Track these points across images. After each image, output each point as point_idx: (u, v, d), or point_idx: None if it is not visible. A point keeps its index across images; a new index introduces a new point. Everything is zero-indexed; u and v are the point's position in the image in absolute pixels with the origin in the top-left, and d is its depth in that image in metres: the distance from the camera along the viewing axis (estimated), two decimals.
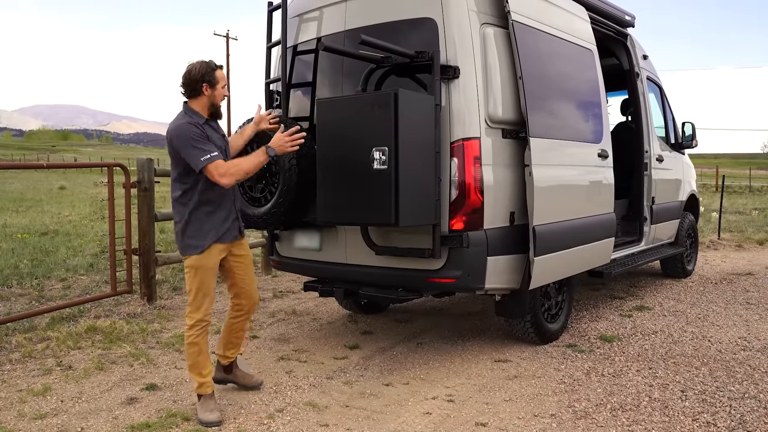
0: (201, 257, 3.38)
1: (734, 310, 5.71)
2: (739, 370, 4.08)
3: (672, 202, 7.02)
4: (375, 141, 3.63)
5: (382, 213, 3.66)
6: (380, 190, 3.62)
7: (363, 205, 3.74)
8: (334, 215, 3.91)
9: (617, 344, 4.68)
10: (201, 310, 3.42)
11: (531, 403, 3.59)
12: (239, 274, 3.61)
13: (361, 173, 3.68)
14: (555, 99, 4.74)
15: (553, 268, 4.46)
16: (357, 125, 3.74)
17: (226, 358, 3.78)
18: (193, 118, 3.33)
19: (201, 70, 3.33)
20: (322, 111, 3.89)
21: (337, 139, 3.83)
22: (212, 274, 3.44)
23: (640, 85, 6.52)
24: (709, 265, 8.35)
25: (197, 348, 3.42)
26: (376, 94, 3.99)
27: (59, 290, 6.41)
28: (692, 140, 7.43)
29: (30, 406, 3.54)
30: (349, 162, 3.75)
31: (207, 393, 3.43)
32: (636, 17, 6.68)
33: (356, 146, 3.72)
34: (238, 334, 3.77)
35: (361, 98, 3.88)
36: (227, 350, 3.77)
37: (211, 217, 3.39)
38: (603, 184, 5.22)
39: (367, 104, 3.74)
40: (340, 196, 3.81)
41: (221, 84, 3.39)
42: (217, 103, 3.42)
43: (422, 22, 4.05)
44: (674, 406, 3.51)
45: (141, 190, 5.80)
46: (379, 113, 3.63)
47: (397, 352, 4.56)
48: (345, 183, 3.79)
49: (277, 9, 4.62)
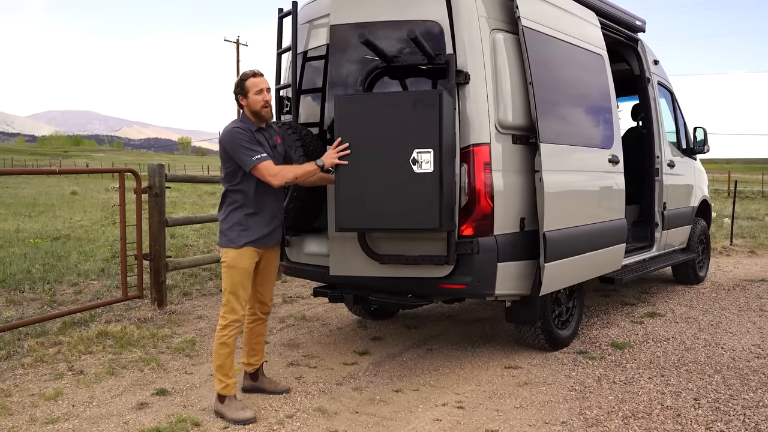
0: (236, 257, 3.44)
1: (747, 317, 5.65)
2: (753, 377, 4.03)
3: (683, 207, 6.97)
4: (417, 142, 3.53)
5: (426, 218, 3.56)
6: (423, 194, 3.52)
7: (401, 210, 3.58)
8: (363, 221, 3.67)
9: (629, 351, 4.64)
10: (235, 310, 3.48)
11: (542, 410, 3.57)
12: (260, 280, 3.67)
13: (400, 176, 3.54)
14: (565, 104, 4.73)
15: (563, 274, 4.44)
16: (394, 125, 3.57)
17: (251, 366, 3.82)
18: (244, 124, 3.46)
19: (236, 82, 3.49)
20: (346, 108, 3.67)
21: (366, 139, 3.60)
22: (247, 275, 3.50)
23: (651, 91, 6.49)
24: (722, 271, 8.27)
25: (228, 350, 3.48)
26: (420, 92, 3.86)
27: (71, 295, 6.45)
28: (704, 146, 7.38)
29: (42, 410, 3.56)
30: (383, 164, 3.57)
31: (231, 394, 3.49)
32: (647, 22, 6.66)
33: (393, 147, 3.56)
34: (257, 339, 3.80)
35: (400, 96, 3.77)
36: (251, 357, 3.81)
37: (251, 219, 3.46)
38: (614, 190, 5.19)
39: (409, 103, 3.59)
40: (370, 200, 3.59)
41: (254, 91, 3.43)
42: (256, 110, 3.45)
43: (428, 24, 4.03)
44: (687, 414, 3.47)
45: (152, 195, 5.83)
46: (423, 113, 3.53)
47: (407, 358, 4.55)
48: (377, 187, 3.58)
49: (287, 15, 4.65)
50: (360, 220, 3.66)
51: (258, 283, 3.67)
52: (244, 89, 3.45)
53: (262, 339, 3.85)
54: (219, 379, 3.48)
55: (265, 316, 3.82)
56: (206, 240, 10.31)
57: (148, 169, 5.89)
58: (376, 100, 3.81)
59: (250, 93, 3.44)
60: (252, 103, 3.45)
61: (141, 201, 5.87)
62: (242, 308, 3.51)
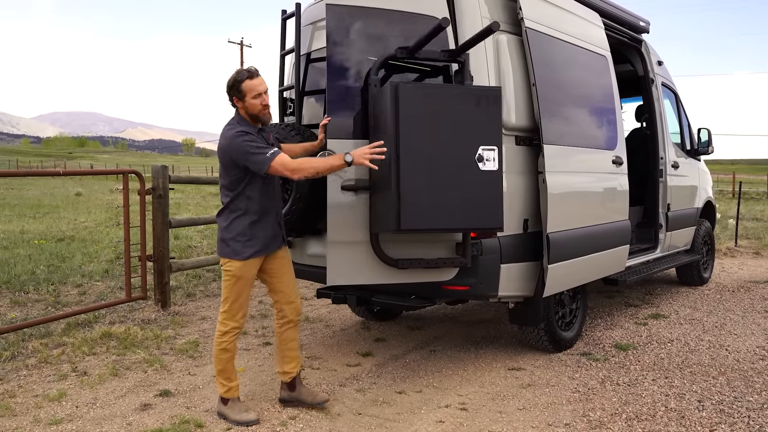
0: (241, 267, 3.36)
1: (752, 319, 5.63)
2: (758, 380, 4.02)
3: (688, 208, 6.95)
4: (482, 139, 3.46)
5: (489, 218, 3.49)
6: (487, 193, 3.46)
7: (465, 209, 3.44)
8: (427, 221, 3.41)
9: (632, 353, 4.63)
10: (236, 318, 3.43)
11: (545, 412, 3.56)
12: (275, 281, 3.55)
13: (465, 174, 3.42)
14: (569, 106, 4.72)
15: (567, 275, 4.43)
16: (459, 119, 3.44)
17: (287, 374, 3.62)
18: (244, 127, 3.31)
19: (229, 82, 3.32)
20: (411, 98, 3.39)
21: (430, 133, 3.40)
22: (250, 284, 3.46)
23: (655, 92, 6.47)
24: (726, 272, 8.24)
25: (229, 354, 3.45)
26: (482, 88, 3.73)
27: (75, 296, 6.47)
28: (708, 147, 7.36)
29: (46, 411, 3.57)
30: (447, 160, 3.41)
31: (234, 397, 3.48)
32: (651, 23, 6.64)
33: (457, 143, 3.43)
34: (290, 345, 3.61)
35: (464, 89, 3.61)
36: (285, 365, 3.62)
37: (256, 227, 3.37)
38: (617, 191, 5.18)
39: (473, 97, 3.49)
40: (434, 199, 3.39)
41: (251, 94, 3.26)
42: (253, 113, 3.30)
43: (433, 22, 3.98)
44: (691, 416, 3.46)
45: (156, 197, 5.84)
46: (486, 109, 3.46)
47: (410, 360, 4.55)
48: (442, 184, 3.40)
49: (291, 17, 4.66)
50: (424, 219, 3.40)
51: (275, 285, 3.54)
52: (240, 92, 3.27)
53: (295, 345, 3.64)
54: (221, 383, 3.48)
55: (296, 319, 3.61)
56: (210, 241, 10.32)
57: (152, 171, 5.91)
58: (441, 92, 3.55)
59: (247, 97, 3.27)
60: (250, 107, 3.29)
61: (145, 202, 5.88)
62: (242, 317, 3.47)
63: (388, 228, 3.47)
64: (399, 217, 3.30)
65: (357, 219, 3.66)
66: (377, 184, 3.59)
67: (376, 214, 3.61)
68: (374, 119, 3.67)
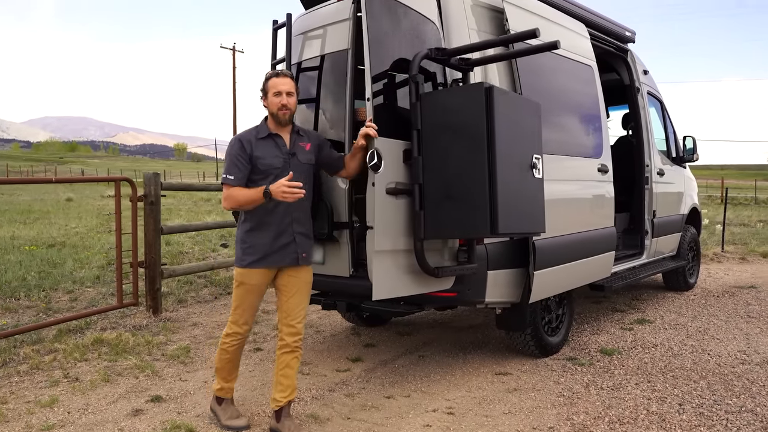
0: (242, 274, 3.36)
1: (735, 324, 5.74)
2: (738, 383, 4.11)
3: (673, 215, 7.07)
4: (533, 148, 3.57)
5: (538, 223, 3.62)
6: (535, 199, 3.58)
7: (526, 214, 3.53)
8: (513, 226, 3.45)
9: (617, 357, 4.72)
10: (238, 323, 3.43)
11: (530, 415, 3.63)
12: (283, 299, 3.43)
13: (525, 181, 3.51)
14: (555, 115, 4.82)
15: (553, 281, 4.51)
16: (522, 128, 3.54)
17: (274, 402, 3.41)
18: (250, 133, 3.33)
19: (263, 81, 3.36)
20: (502, 104, 3.35)
21: (513, 139, 3.42)
22: (254, 291, 3.38)
23: (641, 100, 6.60)
24: (712, 277, 8.37)
25: (228, 356, 3.48)
26: (532, 101, 3.81)
27: (66, 302, 6.49)
28: (693, 154, 7.49)
29: (38, 417, 3.60)
30: (518, 167, 3.48)
31: (227, 398, 3.53)
32: (636, 33, 6.77)
33: (522, 151, 3.52)
34: (283, 371, 3.39)
35: (527, 100, 3.68)
36: (275, 392, 3.42)
37: (255, 235, 3.32)
38: (603, 198, 5.28)
39: (530, 108, 3.59)
40: (513, 204, 3.42)
41: (272, 92, 3.29)
42: (272, 111, 3.30)
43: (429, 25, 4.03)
44: (671, 419, 3.54)
45: (147, 203, 5.89)
46: (533, 119, 3.58)
47: (399, 365, 4.61)
48: (515, 190, 3.43)
49: (282, 27, 4.73)
50: (513, 223, 3.42)
51: (281, 303, 3.43)
52: (265, 89, 3.33)
53: (291, 373, 3.39)
54: (217, 380, 3.55)
55: (291, 343, 3.38)
56: (201, 247, 10.35)
57: (144, 178, 5.96)
58: (518, 100, 3.62)
59: (269, 94, 3.30)
60: (269, 104, 3.30)
61: (137, 209, 5.92)
62: (245, 324, 3.43)
63: (476, 233, 3.47)
64: (495, 221, 3.27)
65: (400, 226, 3.49)
66: (448, 188, 3.43)
67: (445, 219, 3.43)
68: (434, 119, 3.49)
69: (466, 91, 3.59)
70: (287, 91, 3.30)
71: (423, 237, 3.48)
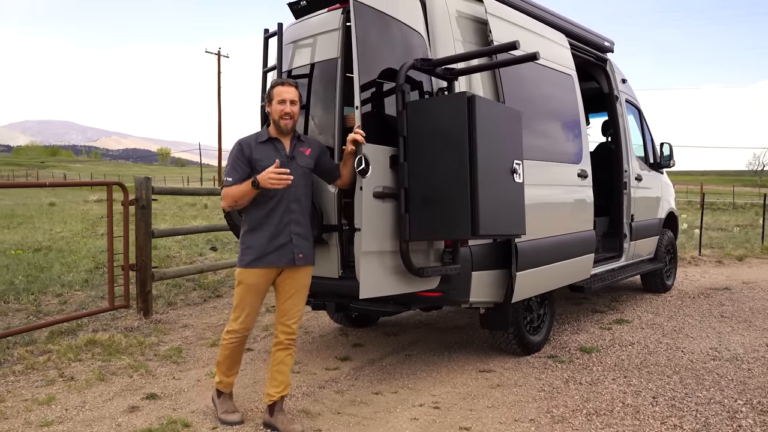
0: (242, 273, 3.45)
1: (708, 323, 5.97)
2: (708, 377, 4.33)
3: (651, 219, 7.31)
4: (514, 154, 3.77)
5: (518, 225, 3.82)
6: (516, 203, 3.78)
7: (507, 218, 3.73)
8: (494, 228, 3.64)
9: (596, 355, 4.91)
10: (238, 321, 3.50)
11: (512, 409, 3.81)
12: (280, 299, 3.54)
13: (506, 185, 3.71)
14: (536, 123, 5.01)
15: (534, 282, 4.70)
16: (502, 135, 3.73)
17: (268, 396, 3.55)
18: (255, 135, 3.47)
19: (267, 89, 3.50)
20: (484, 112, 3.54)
21: (493, 145, 3.60)
22: (254, 291, 3.46)
23: (619, 108, 6.83)
24: (689, 280, 8.63)
25: (227, 352, 3.57)
26: (513, 109, 4.02)
27: (56, 305, 6.55)
28: (670, 160, 7.74)
29: (36, 414, 3.70)
30: (498, 172, 3.66)
31: (225, 391, 3.65)
32: (615, 43, 7.01)
33: (503, 156, 3.70)
34: (278, 367, 3.53)
35: (508, 109, 3.91)
36: (269, 387, 3.55)
37: (253, 236, 3.42)
38: (583, 203, 5.48)
39: (511, 115, 3.81)
40: (494, 207, 3.60)
41: (276, 100, 3.39)
42: (274, 118, 3.41)
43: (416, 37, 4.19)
44: (645, 411, 3.74)
45: (139, 207, 5.99)
46: (514, 126, 3.78)
47: (387, 363, 4.77)
48: (496, 194, 3.62)
49: (273, 36, 4.88)
50: (493, 225, 3.61)
51: (278, 302, 3.56)
52: (270, 96, 3.43)
53: (285, 369, 3.53)
54: (217, 373, 3.66)
55: (287, 342, 3.53)
56: (188, 251, 10.42)
57: (135, 182, 6.06)
58: (499, 109, 3.87)
59: (273, 101, 3.41)
60: (273, 111, 3.41)
61: (128, 213, 6.02)
62: (244, 323, 3.50)
63: (458, 235, 3.64)
64: (476, 223, 3.44)
65: (387, 228, 3.64)
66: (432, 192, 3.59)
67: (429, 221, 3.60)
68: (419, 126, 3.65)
69: (449, 100, 3.77)
70: (291, 99, 3.41)
71: (408, 238, 3.65)
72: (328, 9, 4.58)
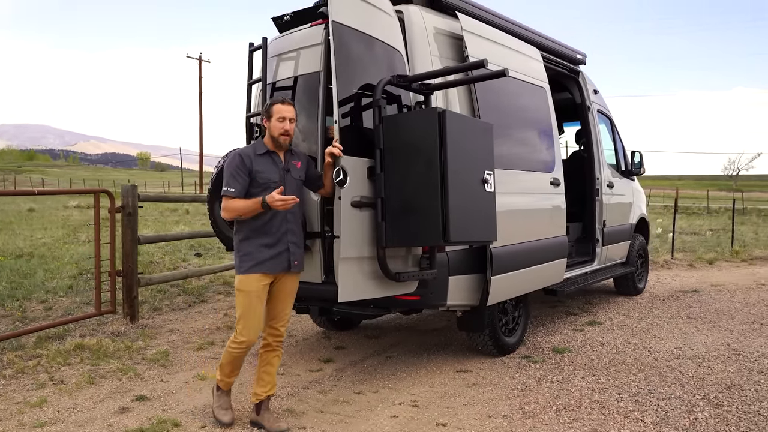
0: (242, 281, 3.54)
1: (675, 324, 6.25)
2: (671, 375, 4.59)
3: (623, 224, 7.59)
4: (485, 164, 4.01)
5: (490, 233, 4.06)
6: (489, 211, 4.02)
7: (478, 225, 3.96)
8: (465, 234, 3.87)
9: (567, 355, 5.16)
10: (244, 332, 3.56)
11: (486, 406, 4.02)
12: (272, 303, 3.66)
13: (477, 194, 3.93)
14: (511, 133, 5.25)
15: (508, 286, 4.92)
16: (473, 146, 3.95)
17: (255, 395, 3.72)
18: (248, 149, 3.59)
19: (265, 105, 3.63)
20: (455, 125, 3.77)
21: (464, 156, 3.82)
22: (256, 298, 3.54)
23: (591, 118, 7.11)
24: (661, 283, 8.94)
25: (232, 357, 3.67)
26: (485, 122, 4.28)
27: (41, 311, 6.63)
28: (640, 167, 8.05)
29: (29, 416, 3.83)
30: (469, 182, 3.89)
31: (225, 389, 3.78)
32: (587, 55, 7.30)
33: (474, 167, 3.93)
34: (266, 368, 3.70)
35: (479, 122, 4.19)
36: (256, 387, 3.72)
37: (250, 244, 3.53)
38: (555, 209, 5.73)
39: (481, 128, 4.07)
40: (464, 215, 3.80)
41: (276, 117, 3.54)
42: (274, 135, 3.55)
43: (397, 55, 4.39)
44: (611, 406, 3.98)
45: (125, 214, 6.12)
46: (485, 138, 4.03)
47: (368, 365, 4.96)
48: (467, 203, 3.84)
49: (258, 49, 5.05)
50: (464, 232, 3.82)
51: (269, 305, 3.67)
52: (269, 112, 3.57)
53: (272, 369, 3.72)
54: (219, 371, 3.77)
55: (275, 344, 3.71)
56: (171, 257, 10.51)
57: (122, 190, 6.19)
58: (470, 122, 4.12)
59: (273, 118, 3.55)
60: (272, 128, 3.56)
61: (114, 220, 6.14)
62: (254, 332, 3.57)
63: (431, 242, 3.84)
64: (447, 230, 3.66)
65: (365, 235, 3.83)
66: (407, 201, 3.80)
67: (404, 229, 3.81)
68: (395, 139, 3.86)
69: (421, 114, 4.00)
70: (290, 117, 3.59)
71: (385, 245, 3.86)
72: (311, 24, 4.77)
